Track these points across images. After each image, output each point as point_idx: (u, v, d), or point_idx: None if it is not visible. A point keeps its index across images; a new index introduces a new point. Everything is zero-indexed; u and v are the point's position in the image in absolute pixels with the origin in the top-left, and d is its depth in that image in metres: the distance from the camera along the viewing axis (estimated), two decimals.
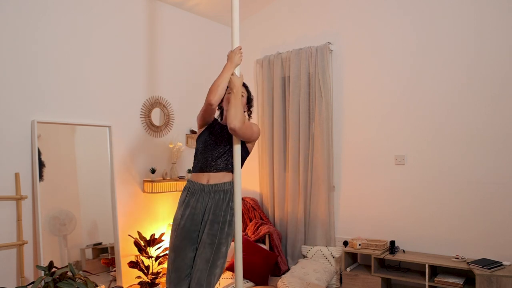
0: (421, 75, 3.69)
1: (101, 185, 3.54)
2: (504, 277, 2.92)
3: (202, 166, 2.38)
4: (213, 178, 2.35)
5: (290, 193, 4.28)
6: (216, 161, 2.37)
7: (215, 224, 2.25)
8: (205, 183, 2.34)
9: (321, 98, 4.13)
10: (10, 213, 2.95)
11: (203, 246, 2.23)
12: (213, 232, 2.24)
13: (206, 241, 2.23)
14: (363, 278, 3.59)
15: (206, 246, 2.23)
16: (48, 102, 3.22)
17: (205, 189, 2.32)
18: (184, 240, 2.28)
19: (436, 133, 3.61)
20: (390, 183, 3.85)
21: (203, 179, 2.36)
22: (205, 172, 2.36)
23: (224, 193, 2.33)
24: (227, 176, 2.37)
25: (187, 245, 2.28)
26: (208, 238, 2.23)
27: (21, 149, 3.04)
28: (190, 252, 2.28)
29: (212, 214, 2.28)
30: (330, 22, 4.26)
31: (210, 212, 2.28)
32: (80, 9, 3.44)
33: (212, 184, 2.33)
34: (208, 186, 2.33)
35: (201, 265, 2.20)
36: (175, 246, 2.30)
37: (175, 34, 4.32)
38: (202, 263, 2.21)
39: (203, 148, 2.42)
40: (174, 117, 4.25)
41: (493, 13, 3.35)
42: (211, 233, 2.24)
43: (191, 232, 2.29)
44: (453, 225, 3.51)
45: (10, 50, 2.99)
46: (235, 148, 2.37)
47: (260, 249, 3.90)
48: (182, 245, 2.28)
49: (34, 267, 3.06)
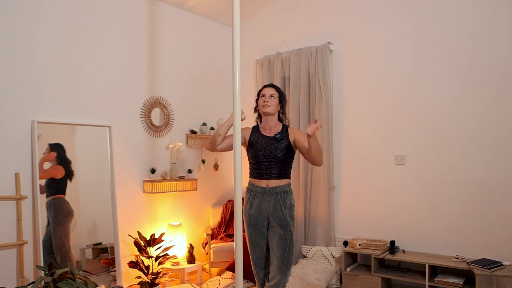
0: (421, 75, 3.69)
1: (101, 185, 3.54)
2: (504, 277, 2.92)
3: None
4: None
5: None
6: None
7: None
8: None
9: (321, 98, 4.13)
10: (10, 213, 2.95)
11: (279, 238, 2.64)
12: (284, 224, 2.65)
13: (280, 234, 2.64)
14: (363, 278, 3.59)
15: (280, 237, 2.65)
16: (48, 102, 3.22)
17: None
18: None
19: (436, 133, 3.61)
20: (390, 183, 3.85)
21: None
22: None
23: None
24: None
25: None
26: (281, 230, 2.64)
27: (21, 149, 3.04)
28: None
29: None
30: (330, 22, 4.26)
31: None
32: (80, 9, 3.44)
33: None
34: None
35: (279, 253, 2.62)
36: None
37: (175, 34, 4.32)
38: (279, 251, 2.62)
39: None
40: (174, 117, 4.25)
41: (491, 14, 3.35)
42: (282, 227, 2.64)
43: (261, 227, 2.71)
44: (453, 225, 3.51)
45: (10, 50, 3.00)
46: (236, 149, 2.36)
47: None
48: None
49: (34, 267, 3.06)
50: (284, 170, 2.72)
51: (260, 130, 2.79)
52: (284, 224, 2.63)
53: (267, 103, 2.72)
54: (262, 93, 2.78)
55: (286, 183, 2.71)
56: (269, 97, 2.73)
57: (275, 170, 2.68)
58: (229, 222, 4.39)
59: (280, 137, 2.71)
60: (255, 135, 2.76)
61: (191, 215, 4.41)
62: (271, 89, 2.77)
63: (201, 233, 4.47)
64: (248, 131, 2.80)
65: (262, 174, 2.69)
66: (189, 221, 4.37)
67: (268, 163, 2.69)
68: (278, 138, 2.71)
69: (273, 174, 2.68)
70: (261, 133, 2.77)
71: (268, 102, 2.72)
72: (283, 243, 2.61)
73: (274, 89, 2.77)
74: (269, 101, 2.72)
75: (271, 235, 2.66)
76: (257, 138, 2.74)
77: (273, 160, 2.68)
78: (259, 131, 2.78)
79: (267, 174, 2.68)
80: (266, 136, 2.74)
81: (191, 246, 3.98)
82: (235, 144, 2.35)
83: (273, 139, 2.72)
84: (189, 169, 4.29)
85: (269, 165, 2.69)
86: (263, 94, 2.76)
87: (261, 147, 2.70)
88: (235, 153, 2.36)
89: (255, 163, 2.72)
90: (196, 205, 4.49)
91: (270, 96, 2.73)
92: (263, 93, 2.77)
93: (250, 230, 2.71)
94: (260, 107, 2.78)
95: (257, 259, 2.72)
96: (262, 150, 2.69)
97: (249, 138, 2.76)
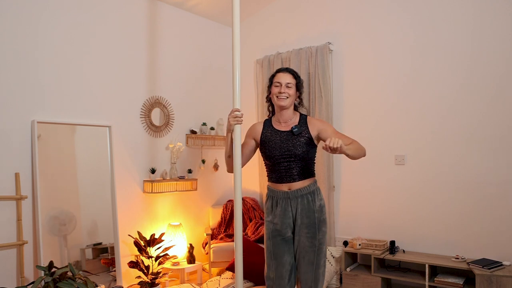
0: (421, 75, 3.69)
1: (101, 185, 3.54)
2: (504, 277, 2.92)
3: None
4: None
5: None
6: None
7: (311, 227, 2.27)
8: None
9: (321, 98, 4.13)
10: (10, 213, 2.95)
11: (304, 250, 2.26)
12: (311, 234, 2.26)
13: (306, 244, 2.26)
14: (363, 278, 3.59)
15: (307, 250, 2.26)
16: (48, 102, 3.22)
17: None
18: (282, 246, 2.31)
19: (436, 133, 3.61)
20: (390, 183, 3.85)
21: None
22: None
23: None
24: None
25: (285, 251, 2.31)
26: (308, 241, 2.25)
27: (21, 149, 3.04)
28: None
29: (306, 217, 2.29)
30: (330, 22, 4.26)
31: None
32: (80, 9, 3.44)
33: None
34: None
35: (306, 267, 2.24)
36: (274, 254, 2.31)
37: (175, 34, 4.32)
38: (306, 265, 2.25)
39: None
40: (174, 117, 4.25)
41: (491, 14, 3.35)
42: (309, 236, 2.26)
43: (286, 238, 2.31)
44: (453, 225, 3.51)
45: (10, 50, 3.00)
46: (236, 149, 2.34)
47: (260, 249, 3.89)
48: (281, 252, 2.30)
49: (34, 267, 3.06)
50: (307, 168, 2.30)
51: (273, 124, 2.36)
52: (313, 232, 2.24)
53: (284, 94, 2.26)
54: (276, 81, 2.30)
55: (311, 182, 2.30)
56: (285, 86, 2.27)
57: (296, 170, 2.26)
58: (229, 222, 4.39)
59: (298, 130, 2.27)
60: (267, 131, 2.33)
61: (191, 215, 4.41)
62: (287, 76, 2.30)
63: (201, 233, 4.47)
64: (259, 128, 2.38)
65: (281, 177, 2.28)
66: (189, 221, 4.37)
67: (287, 163, 2.27)
68: (296, 133, 2.26)
69: (295, 175, 2.26)
70: (275, 128, 2.33)
71: (285, 93, 2.26)
72: (311, 255, 2.24)
73: (291, 76, 2.31)
74: (286, 91, 2.26)
75: (299, 247, 2.27)
76: (270, 135, 2.31)
77: (292, 159, 2.26)
78: (272, 126, 2.35)
79: (287, 177, 2.27)
80: (281, 131, 2.31)
81: (191, 246, 3.98)
82: (235, 144, 2.30)
83: (290, 134, 2.28)
84: (189, 169, 4.29)
85: (289, 165, 2.27)
86: (277, 82, 2.29)
87: (276, 145, 2.27)
88: (235, 153, 2.33)
89: (271, 164, 2.31)
90: (196, 205, 4.49)
91: (287, 86, 2.27)
92: (278, 81, 2.29)
93: (273, 242, 2.29)
94: (274, 99, 2.31)
95: (279, 279, 2.26)
96: (278, 148, 2.27)
97: (260, 136, 2.35)
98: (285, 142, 2.27)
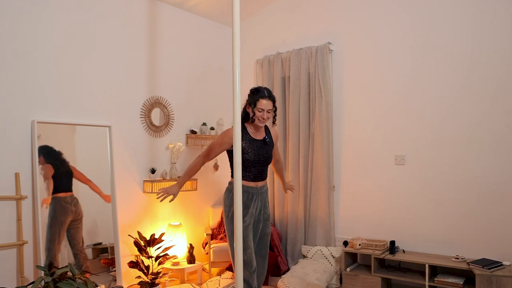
0: (421, 75, 3.69)
1: (101, 185, 3.54)
2: (504, 277, 2.92)
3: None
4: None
5: (290, 193, 4.28)
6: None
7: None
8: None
9: (321, 98, 4.13)
10: (10, 213, 2.95)
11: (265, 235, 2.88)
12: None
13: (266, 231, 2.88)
14: (363, 278, 3.59)
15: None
16: (48, 102, 3.22)
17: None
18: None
19: (436, 133, 3.61)
20: (390, 183, 3.85)
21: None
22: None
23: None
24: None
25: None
26: (267, 228, 2.88)
27: (21, 149, 3.04)
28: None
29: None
30: (330, 22, 4.26)
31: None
32: (80, 9, 3.44)
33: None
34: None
35: (265, 251, 2.88)
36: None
37: (175, 34, 4.32)
38: (266, 249, 2.89)
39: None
40: (174, 117, 4.25)
41: (491, 14, 3.35)
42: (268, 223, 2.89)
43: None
44: (453, 225, 3.51)
45: (10, 50, 3.00)
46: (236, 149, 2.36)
47: None
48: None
49: (34, 267, 3.06)
50: (267, 170, 2.87)
51: (249, 133, 2.77)
52: (269, 222, 2.87)
53: (265, 120, 2.73)
54: (259, 107, 2.68)
55: (266, 181, 2.89)
56: (266, 112, 2.70)
57: (265, 172, 2.83)
58: None
59: (270, 141, 2.82)
60: (246, 139, 2.73)
61: (191, 215, 4.41)
62: (269, 103, 2.71)
63: (201, 233, 4.47)
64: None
65: (255, 177, 2.76)
66: (189, 221, 4.37)
67: (261, 167, 2.77)
68: (268, 143, 2.80)
69: (264, 176, 2.82)
70: (251, 137, 2.76)
71: (266, 118, 2.72)
72: (268, 242, 2.89)
73: (271, 103, 2.73)
74: (267, 117, 2.72)
75: (259, 234, 2.83)
76: (249, 143, 2.73)
77: (265, 163, 2.79)
78: (249, 134, 2.76)
79: (259, 177, 2.79)
80: (257, 140, 2.77)
81: (191, 246, 3.98)
82: (235, 144, 2.33)
83: (263, 143, 2.79)
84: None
85: (262, 169, 2.78)
86: (261, 109, 2.68)
87: (254, 151, 2.73)
88: (235, 152, 2.35)
89: (246, 166, 2.71)
90: (196, 205, 4.49)
91: (267, 112, 2.71)
92: (261, 107, 2.68)
93: (250, 228, 2.73)
94: (255, 119, 2.72)
95: (251, 261, 2.70)
96: (257, 154, 2.73)
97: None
98: (260, 149, 2.77)
